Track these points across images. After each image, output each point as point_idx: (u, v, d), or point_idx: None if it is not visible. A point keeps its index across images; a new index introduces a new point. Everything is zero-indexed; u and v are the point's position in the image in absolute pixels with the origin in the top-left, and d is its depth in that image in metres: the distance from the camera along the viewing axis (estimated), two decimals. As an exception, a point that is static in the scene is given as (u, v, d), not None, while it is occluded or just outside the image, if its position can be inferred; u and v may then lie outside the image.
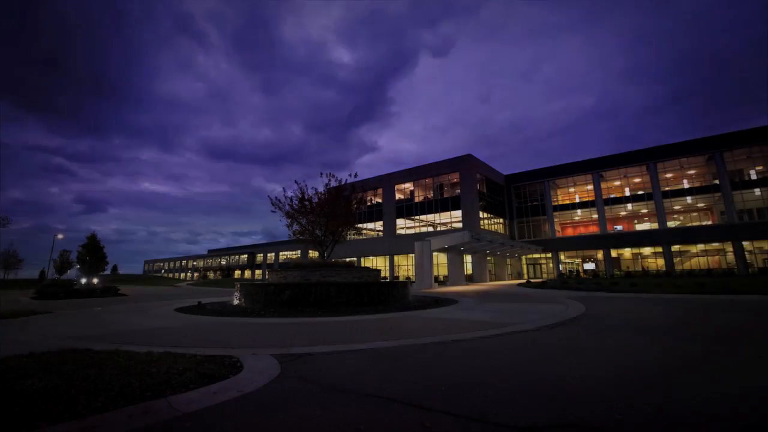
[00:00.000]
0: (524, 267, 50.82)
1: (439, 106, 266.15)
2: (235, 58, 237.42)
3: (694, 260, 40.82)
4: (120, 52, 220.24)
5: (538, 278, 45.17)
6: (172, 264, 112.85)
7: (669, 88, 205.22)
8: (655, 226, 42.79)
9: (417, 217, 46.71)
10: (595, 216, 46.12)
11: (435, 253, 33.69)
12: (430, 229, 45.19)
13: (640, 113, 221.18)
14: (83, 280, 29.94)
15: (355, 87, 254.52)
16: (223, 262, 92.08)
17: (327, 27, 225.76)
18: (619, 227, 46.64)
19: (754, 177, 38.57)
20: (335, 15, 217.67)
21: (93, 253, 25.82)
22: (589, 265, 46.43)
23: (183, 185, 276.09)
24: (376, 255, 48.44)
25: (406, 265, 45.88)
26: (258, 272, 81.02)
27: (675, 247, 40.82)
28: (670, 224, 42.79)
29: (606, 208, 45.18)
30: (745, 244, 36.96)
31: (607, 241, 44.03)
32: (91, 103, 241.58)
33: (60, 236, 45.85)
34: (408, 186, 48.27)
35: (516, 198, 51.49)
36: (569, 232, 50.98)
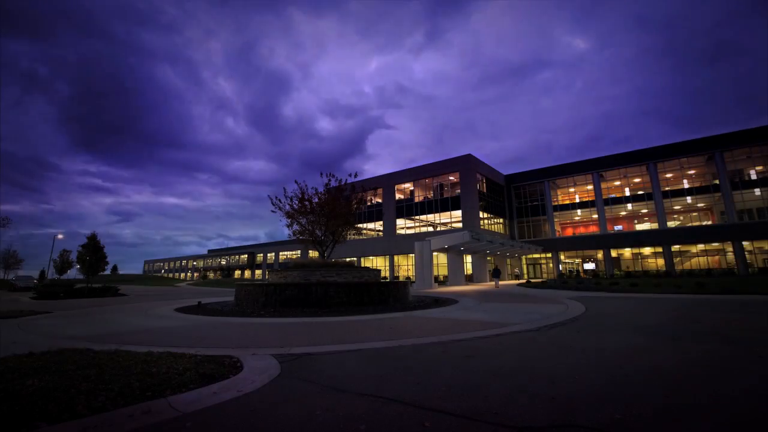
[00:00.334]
0: (524, 267, 50.81)
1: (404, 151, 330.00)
2: (251, 120, 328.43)
3: (694, 260, 40.81)
4: (174, 118, 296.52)
5: (538, 278, 45.18)
6: (172, 264, 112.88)
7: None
8: (655, 226, 42.79)
9: (417, 217, 46.71)
10: (595, 216, 46.11)
11: (435, 253, 33.70)
12: (430, 229, 45.18)
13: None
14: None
15: (337, 139, 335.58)
16: (223, 262, 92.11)
17: (316, 105, 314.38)
18: (619, 227, 46.62)
19: (754, 177, 38.56)
20: (322, 98, 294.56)
21: (93, 253, 25.77)
22: (589, 265, 46.43)
23: (198, 198, 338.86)
24: (376, 255, 48.44)
25: (406, 265, 45.88)
26: (258, 272, 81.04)
27: (675, 247, 40.81)
28: (670, 224, 42.79)
29: (606, 208, 45.17)
30: (745, 244, 36.96)
31: (607, 241, 44.02)
32: (134, 145, 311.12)
33: (60, 236, 45.87)
34: (408, 186, 48.27)
35: (516, 198, 51.47)
36: (569, 232, 50.97)
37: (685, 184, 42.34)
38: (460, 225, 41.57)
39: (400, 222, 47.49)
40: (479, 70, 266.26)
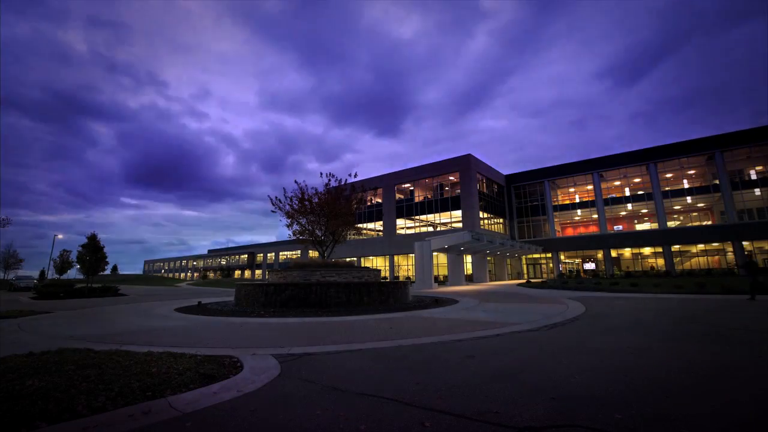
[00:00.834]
0: (524, 267, 50.81)
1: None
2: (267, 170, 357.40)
3: (694, 260, 40.80)
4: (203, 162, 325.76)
5: (538, 278, 45.18)
6: (172, 264, 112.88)
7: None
8: (655, 226, 42.78)
9: (417, 217, 46.71)
10: (595, 216, 46.11)
11: (435, 253, 33.71)
12: (430, 229, 45.18)
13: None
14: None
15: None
16: (223, 262, 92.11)
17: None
18: (619, 227, 46.61)
19: (754, 177, 38.56)
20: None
21: (93, 253, 25.76)
22: (589, 265, 46.42)
23: (212, 210, 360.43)
24: (376, 255, 48.44)
25: (406, 265, 45.87)
26: (258, 272, 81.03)
27: (675, 247, 40.81)
28: (670, 224, 42.78)
29: (606, 208, 45.17)
30: (745, 244, 36.95)
31: (607, 241, 44.02)
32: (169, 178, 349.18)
33: (60, 236, 45.89)
34: (408, 186, 48.27)
35: (516, 198, 51.47)
36: (569, 232, 50.97)
37: (685, 184, 42.34)
38: (460, 225, 41.56)
39: (400, 222, 47.48)
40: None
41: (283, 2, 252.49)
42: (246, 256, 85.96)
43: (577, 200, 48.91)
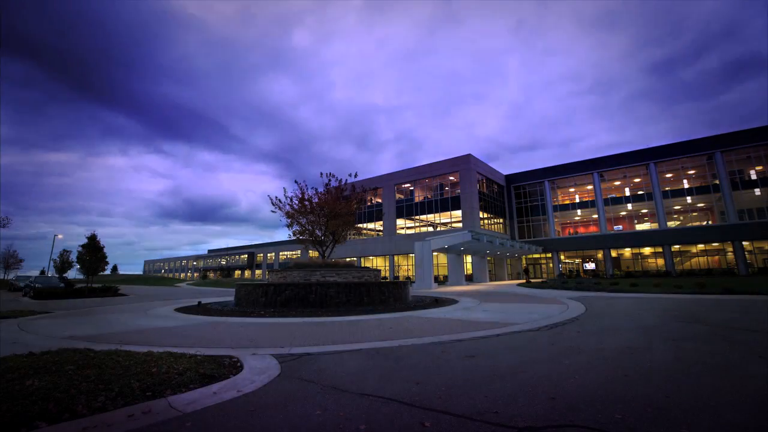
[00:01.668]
0: (524, 267, 50.76)
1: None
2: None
3: (694, 260, 40.79)
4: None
5: (538, 278, 45.17)
6: (172, 264, 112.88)
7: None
8: (655, 226, 42.78)
9: (417, 217, 46.71)
10: (595, 216, 46.11)
11: (435, 253, 33.71)
12: (430, 229, 45.18)
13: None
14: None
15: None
16: (223, 262, 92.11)
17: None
18: (619, 227, 46.61)
19: (754, 177, 38.55)
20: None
21: (93, 253, 25.73)
22: (589, 265, 46.42)
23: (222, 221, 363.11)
24: (376, 255, 48.44)
25: (406, 265, 45.87)
26: (258, 272, 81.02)
27: (675, 247, 40.81)
28: (670, 224, 42.77)
29: (606, 208, 45.17)
30: (745, 244, 36.96)
31: (607, 241, 44.02)
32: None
33: (60, 236, 45.89)
34: (408, 186, 48.27)
35: (516, 198, 51.47)
36: (569, 232, 50.97)
37: (685, 184, 42.32)
38: (460, 225, 41.56)
39: (400, 222, 47.48)
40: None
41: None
42: (246, 256, 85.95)
43: (577, 200, 48.92)
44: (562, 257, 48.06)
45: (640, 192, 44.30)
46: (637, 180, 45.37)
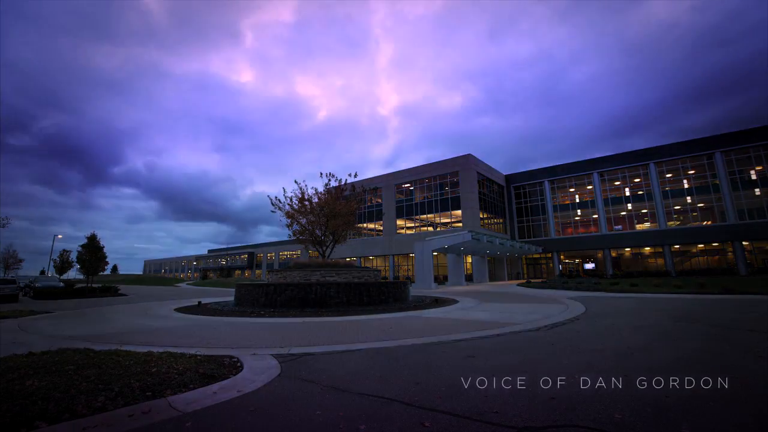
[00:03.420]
0: (524, 267, 50.81)
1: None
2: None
3: (694, 260, 40.78)
4: None
5: (538, 278, 45.17)
6: (172, 264, 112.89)
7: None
8: (655, 226, 42.77)
9: (417, 217, 46.70)
10: (595, 216, 46.10)
11: (435, 253, 33.69)
12: (430, 229, 45.17)
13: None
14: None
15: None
16: (224, 262, 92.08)
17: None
18: (619, 227, 46.60)
19: (754, 177, 38.55)
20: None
21: (93, 253, 25.76)
22: (589, 265, 46.42)
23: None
24: (376, 255, 48.43)
25: (406, 265, 45.86)
26: (258, 272, 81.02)
27: (675, 247, 40.80)
28: (670, 224, 42.78)
29: (606, 208, 45.18)
30: (745, 244, 36.96)
31: (607, 241, 44.02)
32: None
33: (59, 236, 45.87)
34: (408, 186, 48.26)
35: (516, 198, 51.48)
36: (569, 232, 50.96)
37: (685, 184, 42.32)
38: (460, 225, 41.55)
39: (400, 222, 47.48)
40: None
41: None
42: (246, 256, 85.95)
43: (577, 200, 48.88)
44: (562, 257, 48.05)
45: (640, 192, 44.29)
46: (637, 180, 45.35)
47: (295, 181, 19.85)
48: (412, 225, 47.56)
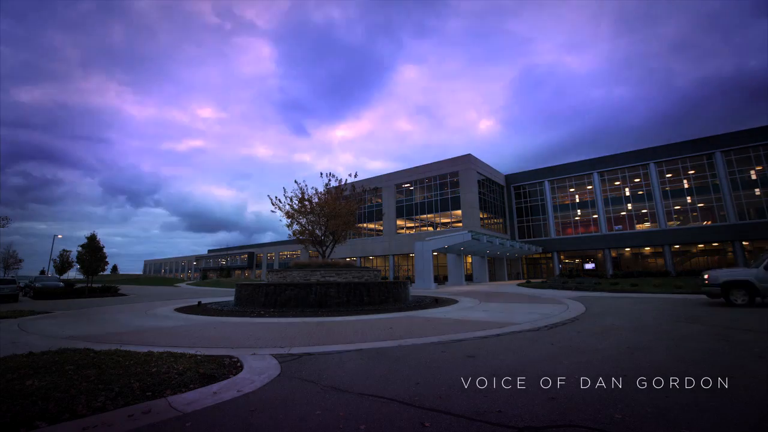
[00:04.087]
0: (524, 267, 50.79)
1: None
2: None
3: (694, 260, 40.76)
4: None
5: (538, 278, 45.16)
6: (172, 264, 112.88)
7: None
8: (655, 226, 42.77)
9: (417, 217, 46.71)
10: (595, 216, 46.10)
11: (435, 253, 33.68)
12: (430, 229, 45.18)
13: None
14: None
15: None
16: (223, 262, 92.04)
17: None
18: (619, 227, 46.60)
19: (754, 177, 38.55)
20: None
21: (93, 253, 25.75)
22: (589, 265, 46.40)
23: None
24: (376, 255, 48.43)
25: (406, 265, 45.86)
26: (258, 272, 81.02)
27: (675, 247, 40.79)
28: (670, 224, 42.79)
29: (606, 208, 45.18)
30: (745, 244, 36.95)
31: (607, 241, 44.02)
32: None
33: (59, 236, 45.87)
34: (408, 186, 48.27)
35: (516, 198, 51.48)
36: (569, 232, 50.95)
37: (685, 184, 42.32)
38: (460, 225, 41.56)
39: (400, 222, 47.49)
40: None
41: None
42: (246, 256, 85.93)
43: (577, 200, 48.86)
44: (562, 257, 48.04)
45: (640, 192, 44.28)
46: (637, 180, 45.34)
47: (295, 181, 19.87)
48: (412, 225, 47.57)
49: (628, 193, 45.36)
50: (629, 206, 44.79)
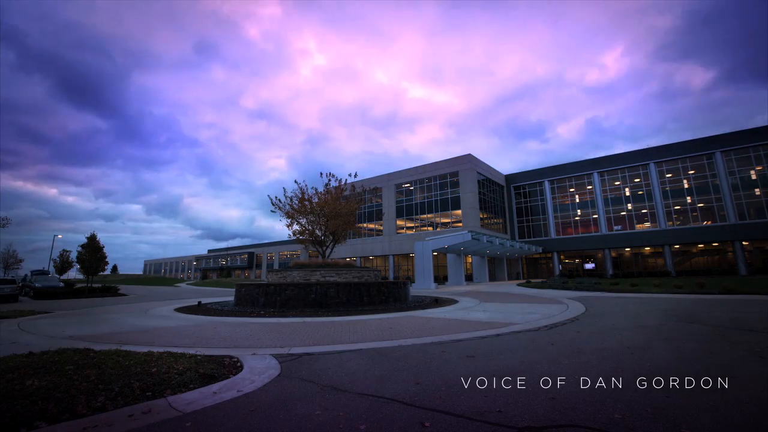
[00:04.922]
0: (524, 267, 50.80)
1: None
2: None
3: (694, 260, 40.78)
4: None
5: (538, 278, 45.16)
6: (172, 264, 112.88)
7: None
8: (655, 226, 42.78)
9: (417, 217, 46.72)
10: (595, 216, 46.11)
11: (435, 253, 33.69)
12: (430, 229, 45.17)
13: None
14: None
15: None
16: (224, 262, 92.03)
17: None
18: (619, 227, 46.61)
19: (754, 177, 38.56)
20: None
21: (93, 253, 25.76)
22: (589, 265, 46.41)
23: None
24: (376, 255, 48.43)
25: (406, 265, 45.86)
26: (258, 272, 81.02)
27: (675, 247, 40.80)
28: (670, 224, 42.80)
29: (606, 208, 45.20)
30: (745, 244, 36.96)
31: (607, 241, 44.02)
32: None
33: (59, 236, 45.89)
34: (408, 186, 48.28)
35: (516, 198, 51.49)
36: (569, 232, 50.95)
37: (685, 184, 42.33)
38: (460, 225, 41.57)
39: (400, 222, 47.49)
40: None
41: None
42: (246, 256, 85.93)
43: (577, 200, 48.87)
44: (562, 257, 48.04)
45: (640, 192, 44.29)
46: (637, 180, 45.35)
47: (295, 181, 19.86)
48: (412, 225, 47.56)
49: (628, 193, 45.37)
50: (629, 206, 44.80)
